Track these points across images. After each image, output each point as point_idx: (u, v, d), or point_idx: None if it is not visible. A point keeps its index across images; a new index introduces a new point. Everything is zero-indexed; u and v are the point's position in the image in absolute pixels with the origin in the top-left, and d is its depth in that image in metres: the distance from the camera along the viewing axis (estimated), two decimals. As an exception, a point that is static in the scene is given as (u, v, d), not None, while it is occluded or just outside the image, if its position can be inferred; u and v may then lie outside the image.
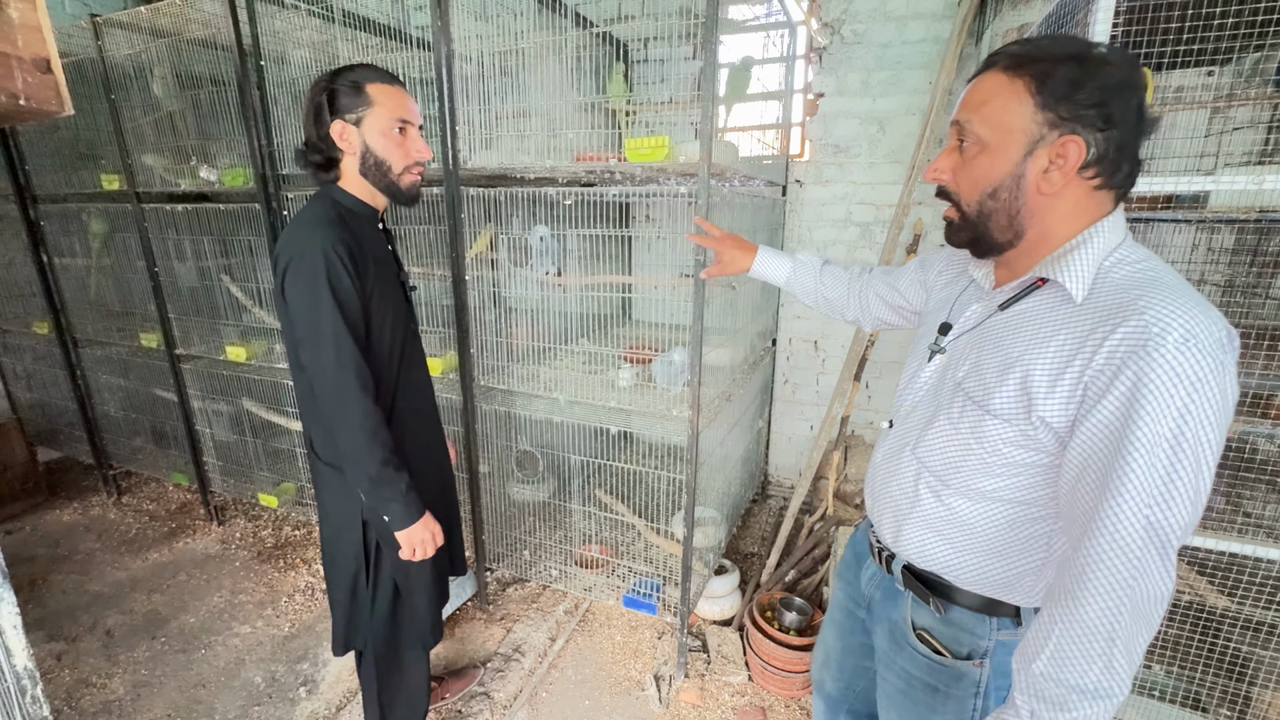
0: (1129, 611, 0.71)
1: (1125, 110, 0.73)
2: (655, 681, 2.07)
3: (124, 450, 3.31)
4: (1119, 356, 0.71)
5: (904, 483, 0.99)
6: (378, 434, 1.26)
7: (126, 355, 3.08)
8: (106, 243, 3.00)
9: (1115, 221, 0.79)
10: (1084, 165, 0.76)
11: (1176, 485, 0.68)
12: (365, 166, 1.29)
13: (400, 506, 1.32)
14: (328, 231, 1.22)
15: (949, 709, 1.00)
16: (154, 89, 2.57)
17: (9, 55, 1.25)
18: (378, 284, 1.31)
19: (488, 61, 2.04)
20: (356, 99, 1.24)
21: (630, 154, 1.74)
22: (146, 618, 2.46)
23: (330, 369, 1.23)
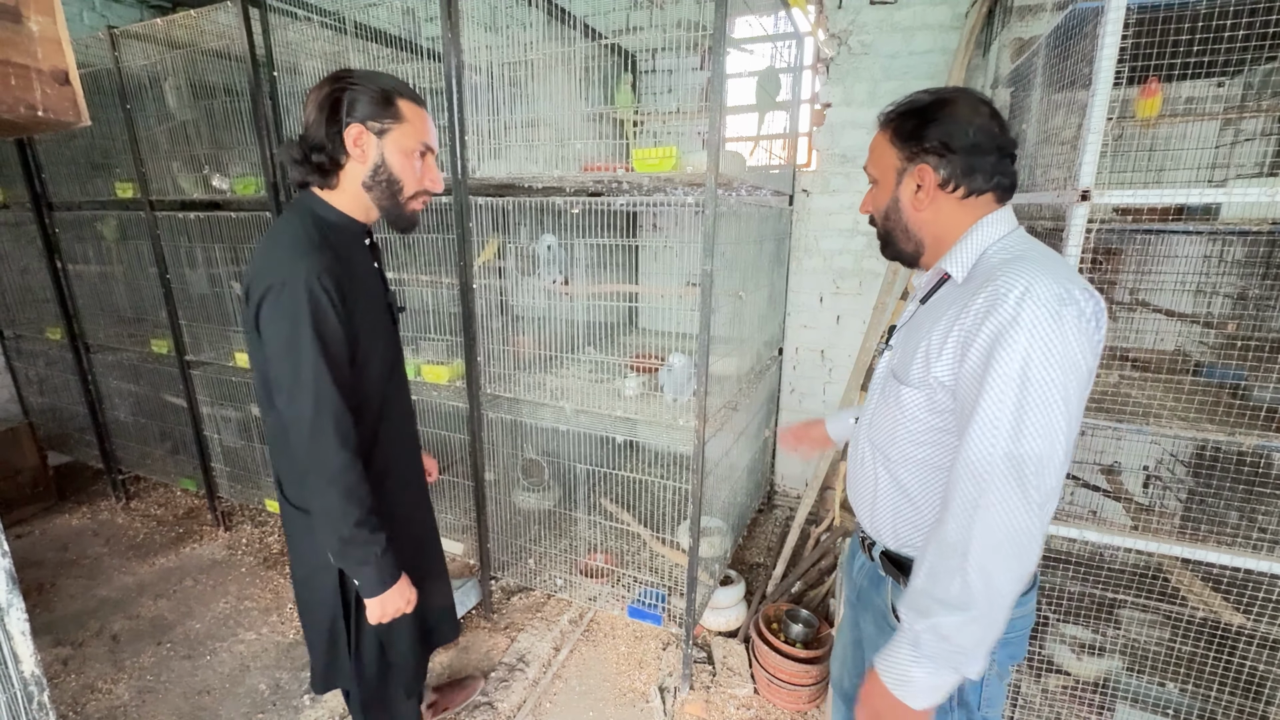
0: (981, 531, 0.82)
1: (961, 138, 0.93)
2: (660, 693, 2.06)
3: (133, 455, 3.34)
4: (981, 314, 0.85)
5: (865, 468, 1.11)
6: (354, 492, 1.14)
7: (137, 361, 3.10)
8: (119, 248, 3.04)
9: (998, 217, 0.96)
10: (941, 184, 0.96)
11: (1023, 417, 0.80)
12: (374, 181, 1.18)
13: (373, 571, 1.19)
14: (312, 259, 1.09)
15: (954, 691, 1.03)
16: (168, 99, 2.61)
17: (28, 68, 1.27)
18: (367, 314, 1.20)
19: (497, 72, 2.05)
20: (385, 110, 1.15)
21: (638, 164, 1.74)
22: (152, 623, 2.46)
23: (306, 418, 1.11)
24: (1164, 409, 1.68)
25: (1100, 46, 1.23)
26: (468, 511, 2.51)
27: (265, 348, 1.13)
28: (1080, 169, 1.30)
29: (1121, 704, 1.83)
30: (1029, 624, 1.09)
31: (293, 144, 1.17)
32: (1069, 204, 1.34)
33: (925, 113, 0.95)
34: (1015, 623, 1.03)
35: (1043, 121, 1.70)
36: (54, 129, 1.32)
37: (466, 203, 2.02)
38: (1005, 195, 0.97)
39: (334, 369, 1.12)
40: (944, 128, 0.93)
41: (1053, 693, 1.95)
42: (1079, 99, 1.45)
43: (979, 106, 0.95)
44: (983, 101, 0.96)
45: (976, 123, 0.93)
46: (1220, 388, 1.84)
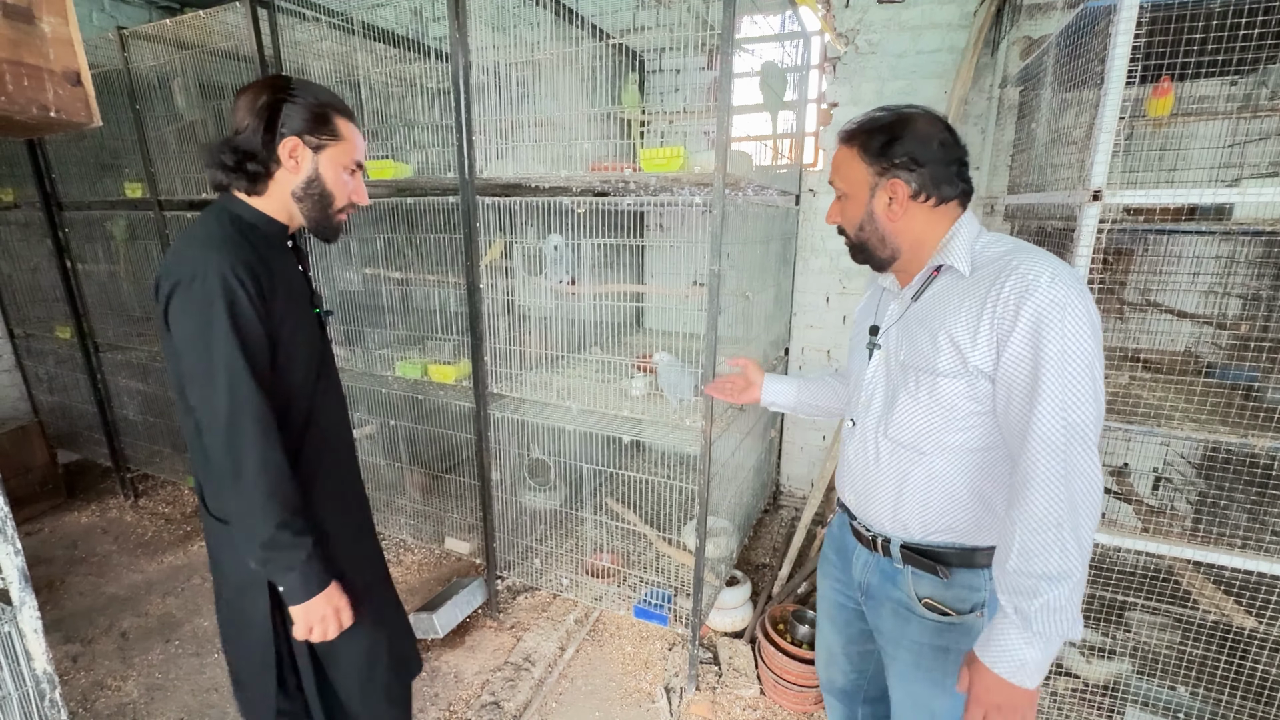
0: (1068, 499, 0.87)
1: (927, 152, 1.01)
2: (666, 694, 2.06)
3: (142, 453, 3.35)
4: (1014, 300, 0.91)
5: (885, 466, 1.12)
6: (277, 489, 1.08)
7: (146, 360, 3.12)
8: (128, 248, 3.05)
9: (968, 219, 1.05)
10: (913, 195, 1.03)
11: (1080, 388, 0.88)
12: (306, 193, 1.17)
13: (298, 576, 1.11)
14: (225, 252, 1.06)
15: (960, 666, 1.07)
16: (177, 99, 2.63)
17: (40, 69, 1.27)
18: (288, 310, 1.15)
19: (503, 72, 2.06)
20: (323, 126, 1.15)
21: (645, 164, 1.74)
22: (161, 620, 2.48)
23: (222, 411, 1.04)
24: (1175, 410, 1.67)
25: (1113, 45, 1.22)
26: (473, 511, 2.52)
27: (175, 343, 1.07)
28: (1092, 169, 1.29)
29: (1131, 707, 1.82)
30: None
31: (221, 147, 1.13)
32: (1080, 204, 1.33)
33: (891, 130, 1.03)
34: None
35: (1053, 121, 1.69)
36: (66, 129, 1.32)
37: (473, 203, 2.03)
38: (967, 200, 1.05)
39: (251, 362, 1.06)
40: (910, 144, 1.01)
41: (1061, 695, 1.93)
42: (1090, 98, 1.45)
43: (936, 122, 1.03)
44: (937, 117, 1.04)
45: (938, 137, 1.01)
46: (1233, 389, 1.82)
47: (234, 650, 1.34)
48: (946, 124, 1.04)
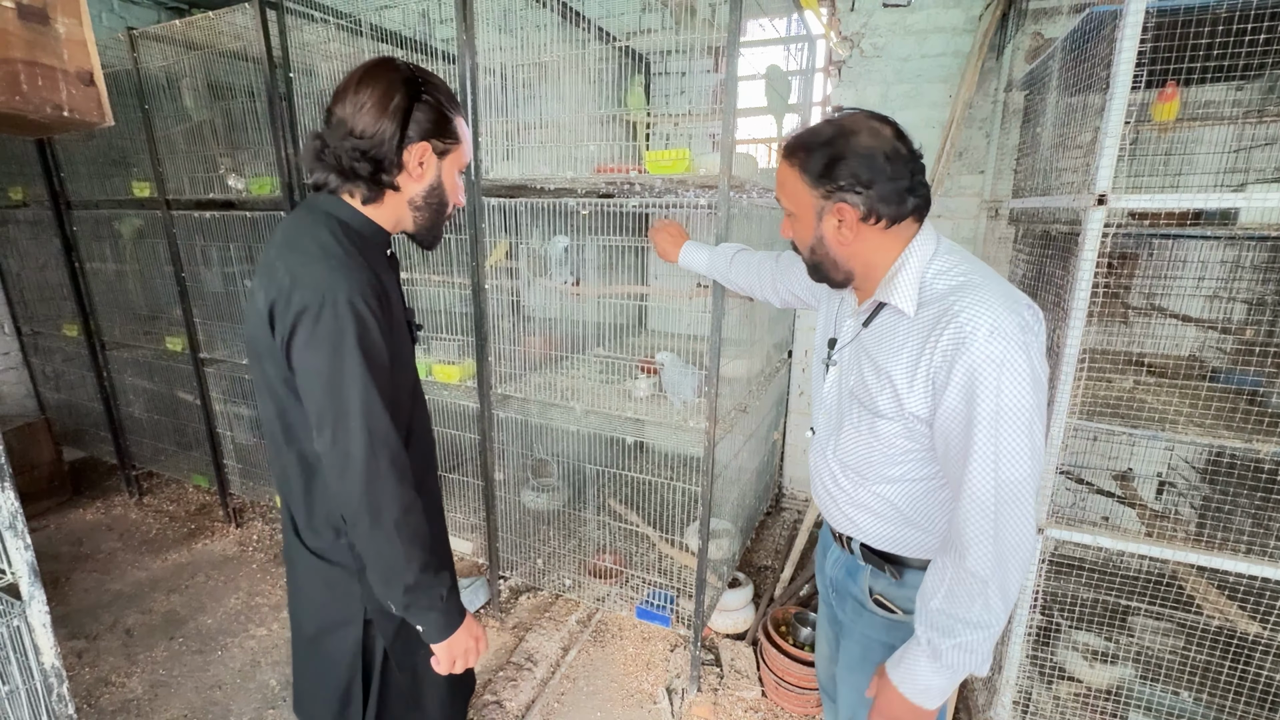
0: (996, 556, 0.89)
1: (874, 170, 0.92)
2: (668, 695, 2.06)
3: (147, 451, 3.37)
4: (950, 353, 0.89)
5: (839, 481, 1.13)
6: (418, 534, 1.02)
7: (152, 358, 3.14)
8: (135, 247, 3.07)
9: (923, 238, 0.98)
10: (863, 218, 0.96)
11: (1013, 447, 0.86)
12: (426, 202, 1.08)
13: (440, 616, 1.05)
14: (353, 275, 0.95)
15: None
16: (185, 99, 2.64)
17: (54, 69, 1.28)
18: (398, 329, 1.07)
19: (509, 74, 2.07)
20: (447, 130, 1.05)
21: (651, 166, 1.75)
22: (165, 618, 2.49)
23: (359, 458, 0.96)
24: (1180, 415, 1.66)
25: (1119, 50, 1.22)
26: (476, 510, 2.52)
27: (300, 377, 0.97)
28: (1097, 172, 1.30)
29: (1135, 712, 1.82)
30: None
31: (350, 154, 1.00)
32: (1085, 208, 1.33)
33: (831, 147, 0.94)
34: None
35: (1058, 125, 1.69)
36: (79, 129, 1.33)
37: (479, 204, 2.04)
38: (923, 212, 0.99)
39: (386, 400, 0.98)
40: (854, 163, 0.93)
41: (1064, 700, 1.93)
42: (1095, 103, 1.45)
43: (881, 130, 0.94)
44: (883, 121, 0.95)
45: (884, 149, 0.92)
46: (1238, 394, 1.82)
47: (309, 688, 1.27)
48: (896, 129, 0.95)
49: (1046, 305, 1.65)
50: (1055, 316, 1.53)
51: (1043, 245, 1.82)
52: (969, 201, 2.69)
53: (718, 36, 2.24)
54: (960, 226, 2.73)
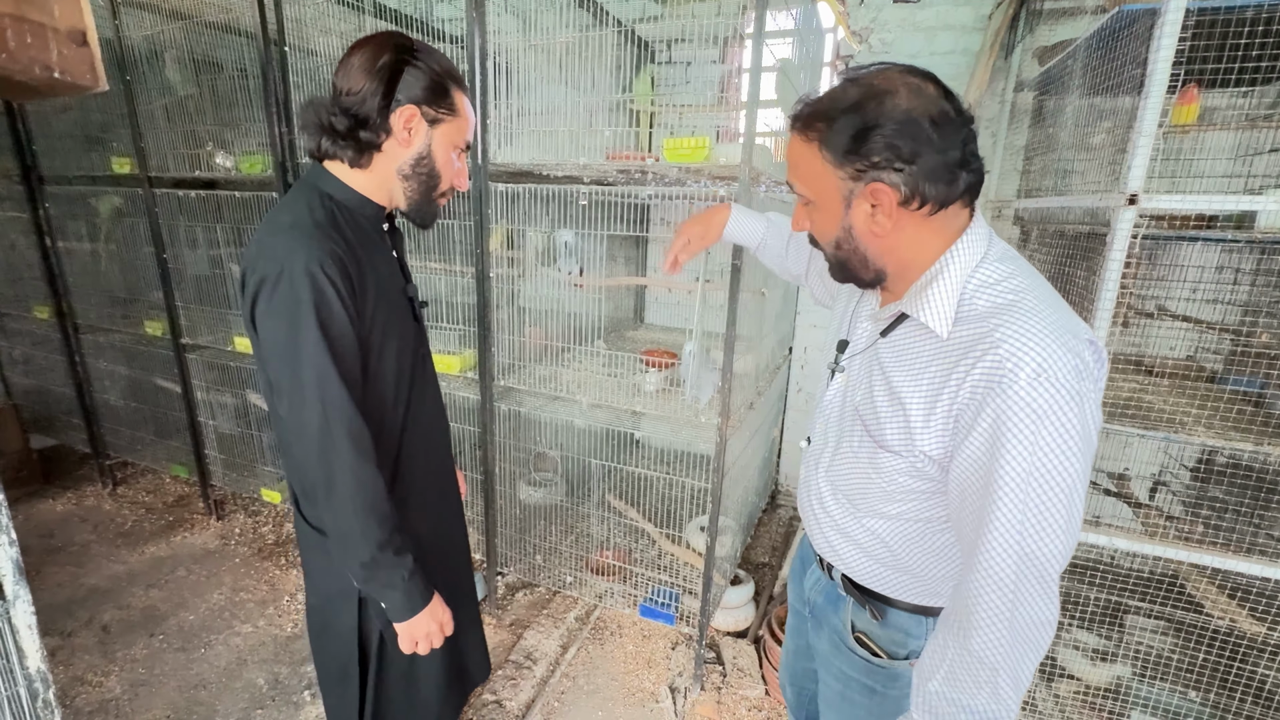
0: (1010, 642, 0.73)
1: (918, 140, 0.72)
2: (671, 693, 2.03)
3: (122, 440, 3.24)
4: (980, 392, 0.72)
5: (826, 504, 1.00)
6: (375, 508, 1.00)
7: (130, 343, 3.01)
8: (113, 226, 2.93)
9: (973, 236, 0.79)
10: (902, 202, 0.76)
11: (1045, 516, 0.70)
12: (415, 171, 1.06)
13: (400, 595, 1.06)
14: (314, 243, 0.94)
15: (886, 709, 1.01)
16: (170, 72, 2.52)
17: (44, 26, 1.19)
18: (380, 305, 1.05)
19: (517, 57, 2.00)
20: (441, 99, 1.03)
21: (668, 154, 1.70)
22: (144, 614, 2.38)
23: (314, 428, 0.96)
24: (1187, 417, 1.68)
25: (1156, 48, 1.21)
26: (473, 505, 2.46)
27: (262, 348, 0.99)
28: (1129, 172, 1.28)
29: (1136, 711, 1.84)
30: None
31: (330, 108, 0.99)
32: (1115, 208, 1.32)
33: (859, 114, 0.74)
34: None
35: (1081, 125, 1.68)
36: (69, 93, 1.24)
37: (485, 189, 1.97)
38: (974, 195, 0.78)
39: (342, 370, 0.97)
40: (891, 132, 0.72)
41: (1064, 698, 1.95)
42: (1122, 103, 1.44)
43: (924, 87, 0.73)
44: (924, 77, 0.75)
45: (930, 112, 0.72)
46: (1243, 398, 1.84)
47: (320, 657, 1.29)
48: (940, 85, 0.75)
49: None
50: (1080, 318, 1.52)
51: (1060, 246, 1.81)
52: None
53: (727, 25, 2.21)
54: None
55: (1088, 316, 1.42)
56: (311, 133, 1.03)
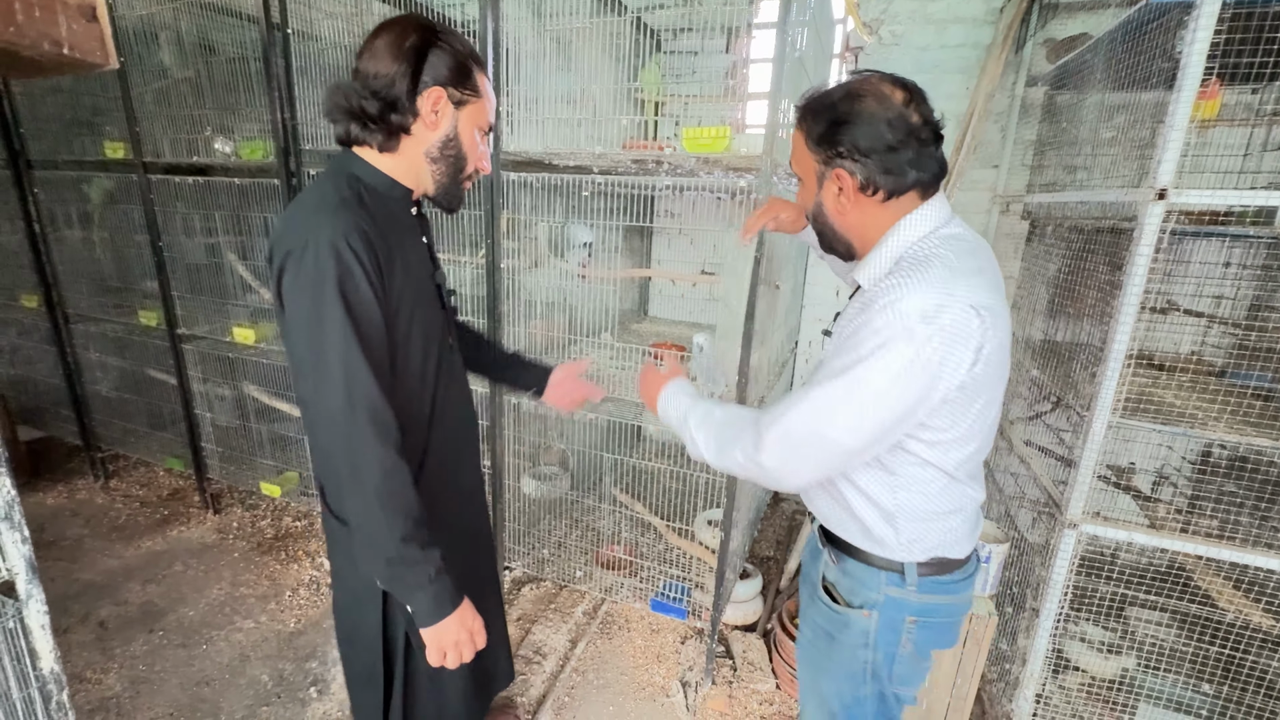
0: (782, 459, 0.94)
1: (874, 140, 0.89)
2: (682, 688, 2.02)
3: (114, 432, 3.16)
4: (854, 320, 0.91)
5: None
6: (399, 500, 0.96)
7: (123, 333, 2.93)
8: (105, 212, 2.85)
9: (917, 217, 0.93)
10: (861, 188, 0.93)
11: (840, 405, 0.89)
12: (443, 154, 1.05)
13: (427, 597, 1.00)
14: (339, 218, 0.93)
15: (842, 657, 1.11)
16: (166, 54, 2.45)
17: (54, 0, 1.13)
18: (406, 288, 1.03)
19: (528, 43, 1.96)
20: (466, 81, 1.02)
21: (688, 144, 1.68)
22: (142, 609, 2.34)
23: (338, 412, 0.93)
24: (1198, 411, 1.69)
25: (1190, 40, 1.20)
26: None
27: (286, 323, 0.96)
28: (1159, 166, 1.28)
29: (1144, 703, 1.85)
30: (957, 611, 1.09)
31: (360, 92, 0.98)
32: (1143, 202, 1.31)
33: (834, 112, 0.91)
34: (938, 607, 1.05)
35: (1103, 119, 1.68)
36: (78, 71, 1.19)
37: (497, 177, 1.93)
38: (929, 189, 0.93)
39: (367, 348, 0.94)
40: (855, 129, 0.89)
41: (1071, 690, 1.96)
42: (1147, 97, 1.43)
43: (891, 97, 0.89)
44: (898, 86, 0.90)
45: (888, 118, 0.88)
46: (1254, 393, 1.85)
47: (347, 657, 1.27)
48: (910, 94, 0.89)
49: (1086, 301, 1.65)
50: (1098, 313, 1.52)
51: (1077, 241, 1.81)
52: (981, 196, 2.69)
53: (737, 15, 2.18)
54: (971, 221, 2.67)
55: (1110, 312, 1.42)
56: (339, 118, 1.02)
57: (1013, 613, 1.96)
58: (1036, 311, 2.20)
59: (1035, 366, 2.05)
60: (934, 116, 0.91)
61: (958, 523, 1.02)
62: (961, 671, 1.76)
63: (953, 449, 0.94)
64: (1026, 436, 2.12)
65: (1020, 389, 2.28)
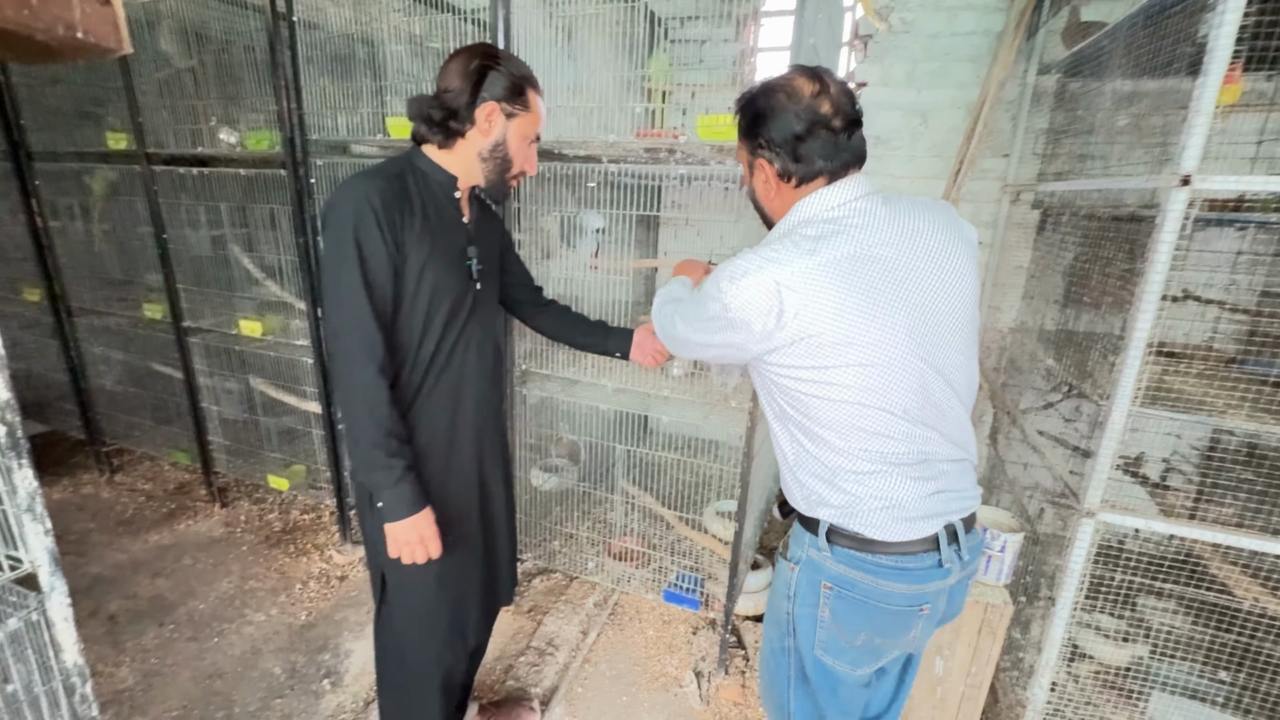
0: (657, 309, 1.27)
1: (782, 130, 0.98)
2: (695, 678, 2.03)
3: (118, 426, 3.15)
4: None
5: None
6: (375, 410, 1.16)
7: (127, 327, 2.91)
8: (108, 205, 2.83)
9: (805, 202, 1.01)
10: (779, 176, 1.02)
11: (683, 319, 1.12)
12: (491, 155, 1.27)
13: (390, 496, 1.19)
14: (370, 181, 1.16)
15: (774, 603, 1.21)
16: (168, 43, 2.42)
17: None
18: (422, 243, 1.21)
19: (539, 30, 1.93)
20: (518, 98, 1.25)
21: (702, 132, 1.66)
22: (152, 603, 2.33)
23: (342, 330, 1.16)
24: (1216, 400, 1.68)
25: (1219, 23, 1.18)
26: (489, 491, 2.42)
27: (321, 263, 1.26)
28: (1183, 152, 1.26)
29: (1157, 691, 1.86)
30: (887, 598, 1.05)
31: (431, 102, 1.22)
32: (1166, 189, 1.30)
33: (753, 107, 1.01)
34: (857, 583, 1.05)
35: (1122, 105, 1.66)
36: (92, 55, 1.16)
37: (508, 167, 1.91)
38: (836, 176, 1.01)
39: (370, 287, 1.15)
40: (769, 122, 0.98)
41: (1083, 679, 1.97)
42: (1170, 83, 1.42)
43: (800, 90, 0.96)
44: (811, 79, 0.97)
45: (796, 110, 0.96)
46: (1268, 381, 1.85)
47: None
48: (823, 86, 0.96)
49: (1103, 290, 1.64)
50: (1115, 302, 1.51)
51: (1092, 230, 1.80)
52: (990, 185, 2.68)
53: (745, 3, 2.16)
54: (980, 210, 2.71)
55: (1129, 301, 1.41)
56: (414, 120, 1.26)
57: (1026, 601, 1.96)
58: (1049, 301, 2.19)
59: (1050, 356, 2.04)
60: (849, 104, 0.97)
61: (871, 502, 1.01)
62: (977, 659, 1.76)
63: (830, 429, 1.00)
64: (1039, 426, 2.12)
65: (1034, 379, 2.27)
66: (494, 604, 1.63)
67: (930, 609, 1.08)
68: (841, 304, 0.93)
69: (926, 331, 0.98)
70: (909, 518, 1.02)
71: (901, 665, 1.26)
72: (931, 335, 0.98)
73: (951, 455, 1.05)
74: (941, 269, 0.99)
